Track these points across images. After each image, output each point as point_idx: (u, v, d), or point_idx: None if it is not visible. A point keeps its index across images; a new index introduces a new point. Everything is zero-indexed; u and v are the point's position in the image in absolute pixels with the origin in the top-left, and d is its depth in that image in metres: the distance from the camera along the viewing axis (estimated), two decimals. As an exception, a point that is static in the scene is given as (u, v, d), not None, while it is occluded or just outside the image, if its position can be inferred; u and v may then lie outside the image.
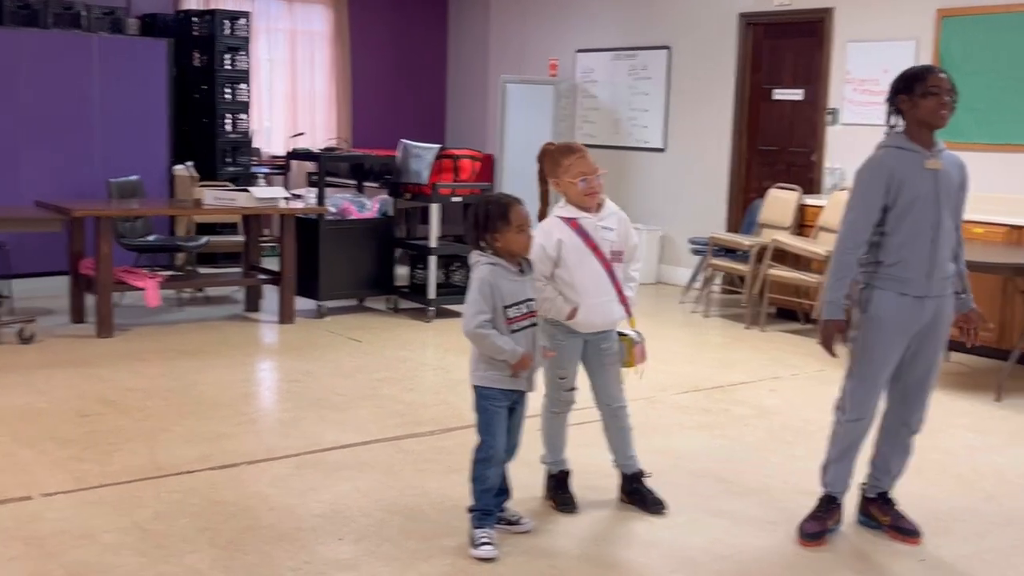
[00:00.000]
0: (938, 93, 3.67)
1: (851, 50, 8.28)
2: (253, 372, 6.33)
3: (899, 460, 3.97)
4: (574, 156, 3.87)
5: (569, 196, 3.90)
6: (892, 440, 3.95)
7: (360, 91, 11.58)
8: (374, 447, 4.77)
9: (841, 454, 3.88)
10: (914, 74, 3.74)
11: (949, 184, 3.74)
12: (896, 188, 3.67)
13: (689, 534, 3.90)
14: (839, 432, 3.88)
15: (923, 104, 3.68)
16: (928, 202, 3.68)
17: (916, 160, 3.70)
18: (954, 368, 6.75)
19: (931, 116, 3.69)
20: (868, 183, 3.71)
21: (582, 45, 10.54)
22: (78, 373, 5.90)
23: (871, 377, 3.79)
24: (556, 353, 3.89)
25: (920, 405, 3.89)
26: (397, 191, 8.01)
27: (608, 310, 3.92)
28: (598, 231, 3.88)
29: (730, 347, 7.21)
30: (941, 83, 3.69)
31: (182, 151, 9.78)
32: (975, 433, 5.34)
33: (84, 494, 4.08)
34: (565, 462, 4.14)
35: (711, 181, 9.38)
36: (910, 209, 3.67)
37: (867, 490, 4.03)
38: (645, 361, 4.06)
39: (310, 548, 3.65)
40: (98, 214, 6.80)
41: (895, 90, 3.77)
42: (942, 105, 3.68)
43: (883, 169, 3.70)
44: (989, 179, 7.48)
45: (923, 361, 3.82)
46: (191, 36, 9.80)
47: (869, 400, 3.82)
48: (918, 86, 3.69)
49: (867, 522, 4.01)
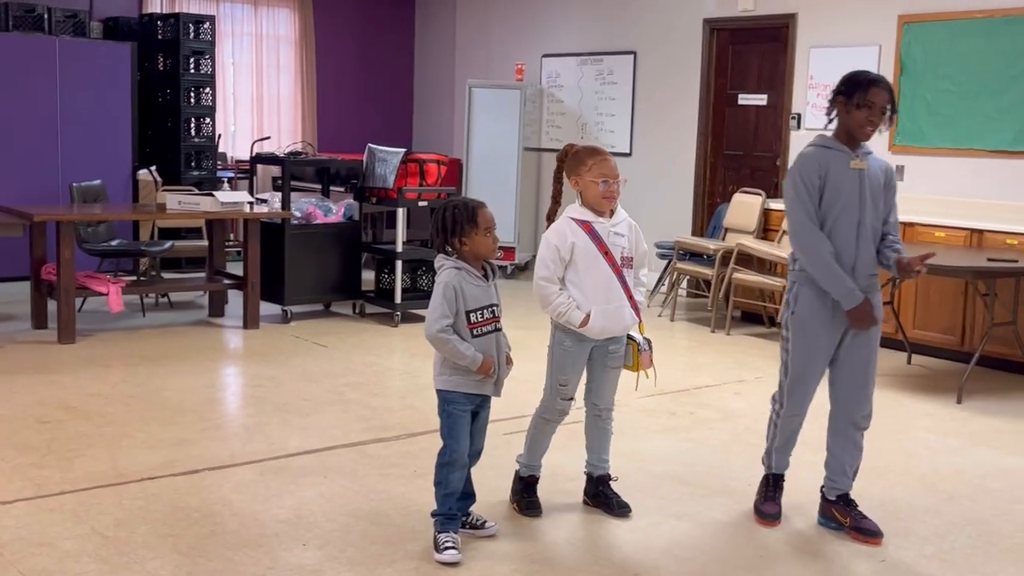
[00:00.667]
0: (871, 108, 3.78)
1: (814, 55, 8.36)
2: (217, 377, 6.29)
3: (852, 459, 4.03)
4: (598, 157, 3.89)
5: (587, 196, 3.90)
6: (842, 439, 4.01)
7: (325, 95, 11.55)
8: (339, 452, 4.76)
9: (783, 444, 4.08)
10: (858, 81, 3.82)
11: (874, 185, 3.84)
12: (823, 183, 3.79)
13: (653, 536, 3.91)
14: (778, 424, 4.05)
15: (855, 114, 3.80)
16: (852, 201, 3.80)
17: (842, 159, 3.82)
18: (915, 371, 6.81)
19: (857, 129, 3.82)
20: (802, 177, 3.81)
21: (548, 50, 10.57)
22: (39, 379, 5.84)
23: (803, 374, 3.92)
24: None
25: (863, 401, 3.97)
26: (363, 195, 7.99)
27: (620, 315, 3.91)
28: (610, 236, 3.89)
29: (696, 350, 7.24)
30: (878, 99, 3.78)
31: (146, 155, 9.73)
32: (936, 435, 5.39)
33: (44, 501, 4.04)
34: (538, 468, 4.13)
35: (677, 185, 9.43)
36: (834, 206, 3.79)
37: (827, 492, 4.07)
38: (652, 367, 4.07)
39: (274, 554, 3.63)
40: (60, 218, 6.73)
41: (837, 89, 3.87)
42: (870, 122, 3.80)
43: (813, 162, 3.81)
44: (950, 183, 7.58)
45: (858, 358, 3.92)
46: (155, 40, 9.74)
47: (804, 396, 3.97)
48: (856, 95, 3.79)
49: (827, 523, 4.04)
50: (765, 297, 7.93)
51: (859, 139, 3.85)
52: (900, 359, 7.03)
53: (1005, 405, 6.00)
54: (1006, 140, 7.28)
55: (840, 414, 4.00)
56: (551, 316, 3.92)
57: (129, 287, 7.28)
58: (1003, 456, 5.06)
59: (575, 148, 3.98)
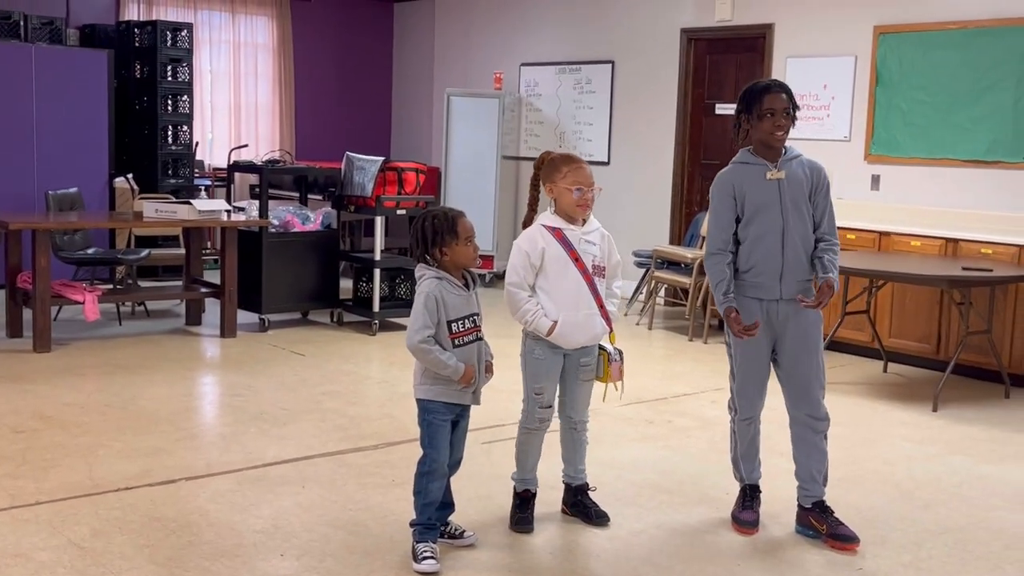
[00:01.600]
0: (774, 114, 3.85)
1: (791, 65, 8.41)
2: (194, 387, 6.26)
3: (818, 463, 4.04)
4: (573, 165, 3.90)
5: (560, 203, 3.91)
6: (803, 445, 4.04)
7: (303, 103, 11.54)
8: (317, 462, 4.74)
9: (746, 450, 4.14)
10: (753, 95, 3.90)
11: (795, 192, 3.92)
12: (740, 200, 3.91)
13: (631, 545, 3.91)
14: (736, 431, 4.14)
15: (759, 125, 3.89)
16: (772, 211, 3.89)
17: (759, 172, 3.92)
18: (892, 379, 6.86)
19: (766, 137, 3.90)
20: (716, 197, 3.97)
21: (527, 59, 10.59)
22: (14, 388, 5.79)
23: (748, 379, 4.04)
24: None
25: (815, 403, 4.01)
26: (341, 204, 7.98)
27: (590, 324, 3.91)
28: (581, 243, 3.90)
29: (673, 359, 7.26)
30: (776, 103, 3.86)
31: (123, 163, 9.68)
32: (912, 443, 5.42)
33: (19, 511, 4.00)
34: (533, 481, 4.09)
35: (654, 194, 9.46)
36: (754, 218, 3.90)
37: (802, 500, 4.09)
38: (622, 380, 4.07)
39: (251, 564, 3.61)
40: (36, 227, 6.69)
41: (738, 107, 3.96)
42: (777, 127, 3.87)
43: (726, 185, 3.95)
44: (925, 193, 7.64)
45: (801, 363, 3.97)
46: (132, 47, 9.71)
47: (754, 400, 4.07)
48: (755, 107, 3.87)
49: (804, 531, 4.06)
50: (742, 306, 7.95)
51: (772, 146, 3.92)
52: (876, 367, 7.08)
53: (980, 413, 6.04)
54: (980, 150, 7.35)
55: (795, 418, 4.05)
56: (520, 323, 3.92)
57: (105, 295, 7.23)
58: (979, 464, 5.09)
59: (551, 155, 3.99)
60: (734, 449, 4.19)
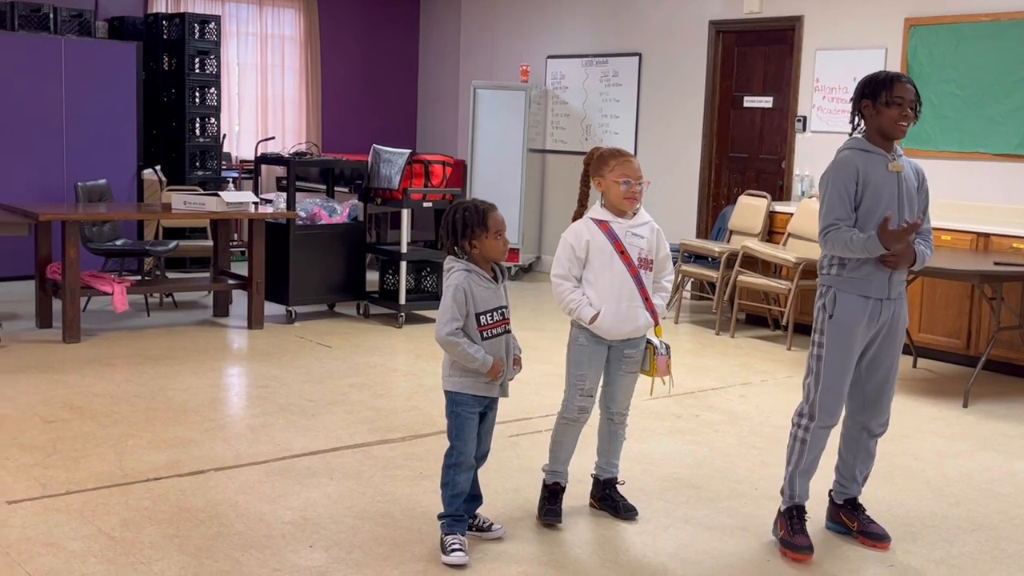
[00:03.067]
0: (901, 104, 3.69)
1: (820, 58, 8.34)
2: (222, 378, 6.28)
3: (864, 466, 3.98)
4: (622, 158, 3.90)
5: (609, 196, 3.91)
6: (855, 446, 3.96)
7: (330, 95, 11.55)
8: (344, 453, 4.75)
9: (809, 465, 3.85)
10: (880, 81, 3.74)
11: (910, 187, 3.79)
12: (862, 186, 3.70)
13: (659, 540, 3.90)
14: (807, 440, 3.82)
15: (885, 113, 3.71)
16: (891, 203, 3.72)
17: (880, 162, 3.74)
18: (922, 374, 6.80)
19: (891, 127, 3.72)
20: (838, 179, 3.71)
21: (553, 51, 10.56)
22: (44, 379, 5.84)
23: (839, 382, 3.78)
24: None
25: (883, 409, 3.90)
26: (367, 196, 7.98)
27: (633, 316, 3.89)
28: (628, 236, 3.89)
29: (700, 353, 7.23)
30: (906, 94, 3.70)
31: (151, 155, 9.73)
32: (943, 439, 5.38)
33: (50, 501, 4.03)
34: (563, 475, 4.05)
35: (681, 188, 9.42)
36: (875, 209, 3.69)
37: (835, 496, 4.04)
38: (670, 374, 4.04)
39: (280, 555, 3.62)
40: (65, 218, 6.73)
41: (860, 94, 3.78)
42: (903, 117, 3.70)
43: (850, 167, 3.71)
44: (956, 187, 7.57)
45: (882, 365, 3.85)
46: (160, 40, 9.74)
47: (839, 405, 3.82)
48: (883, 94, 3.70)
49: (835, 528, 4.02)
50: (770, 300, 7.92)
51: (895, 137, 3.74)
52: (905, 362, 7.02)
53: (1012, 409, 5.98)
54: (1012, 144, 7.27)
55: (855, 421, 3.92)
56: (565, 312, 3.93)
57: (134, 287, 7.27)
58: (1011, 460, 5.05)
59: (600, 150, 3.99)
60: (796, 462, 3.85)
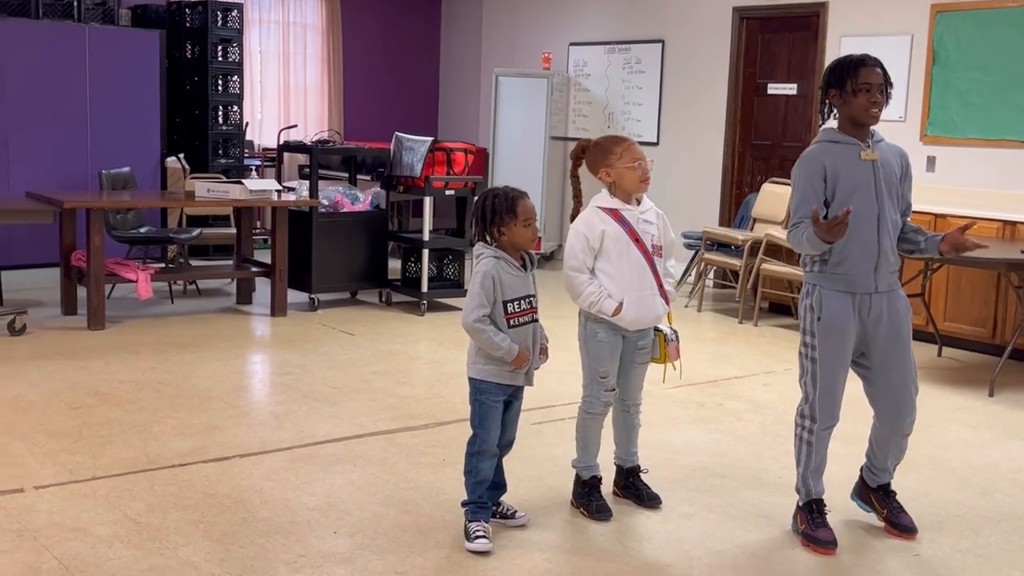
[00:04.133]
0: (869, 90, 3.56)
1: (845, 45, 8.28)
2: (245, 365, 6.31)
3: (895, 458, 3.93)
4: (626, 143, 3.85)
5: (623, 183, 3.84)
6: (887, 445, 3.87)
7: (352, 83, 11.56)
8: (367, 440, 4.76)
9: (819, 464, 3.80)
10: (845, 67, 3.61)
11: (888, 175, 3.65)
12: (832, 181, 3.59)
13: (683, 528, 3.89)
14: (813, 442, 3.76)
15: (853, 101, 3.59)
16: (867, 193, 3.60)
17: (851, 152, 3.61)
18: (947, 364, 6.76)
19: (860, 114, 3.60)
20: (802, 177, 3.62)
21: (575, 38, 10.52)
22: (69, 365, 5.87)
23: (834, 383, 3.70)
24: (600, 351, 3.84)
25: (909, 408, 3.77)
26: (390, 184, 7.99)
27: (652, 304, 3.86)
28: (639, 223, 3.85)
29: (723, 341, 7.21)
30: (873, 78, 3.57)
31: (174, 143, 9.76)
32: (969, 428, 5.34)
33: (77, 486, 4.06)
34: (598, 467, 4.03)
35: (704, 175, 9.38)
36: (847, 202, 3.55)
37: (867, 479, 3.98)
38: (679, 359, 4.03)
39: (305, 541, 3.63)
40: (90, 205, 6.76)
41: (826, 83, 3.67)
42: (873, 103, 3.57)
43: (816, 163, 3.61)
44: (982, 174, 7.50)
45: (894, 365, 3.72)
46: (183, 27, 9.76)
47: (837, 405, 3.74)
48: (849, 81, 3.58)
49: (862, 505, 3.99)
50: (794, 288, 7.88)
51: (865, 124, 3.62)
52: (931, 351, 6.98)
53: (1038, 399, 5.94)
54: (1040, 131, 7.20)
55: (885, 423, 3.81)
56: (583, 307, 3.88)
57: (158, 274, 7.31)
58: (1036, 450, 5.01)
59: (592, 142, 3.93)
60: (806, 463, 3.79)
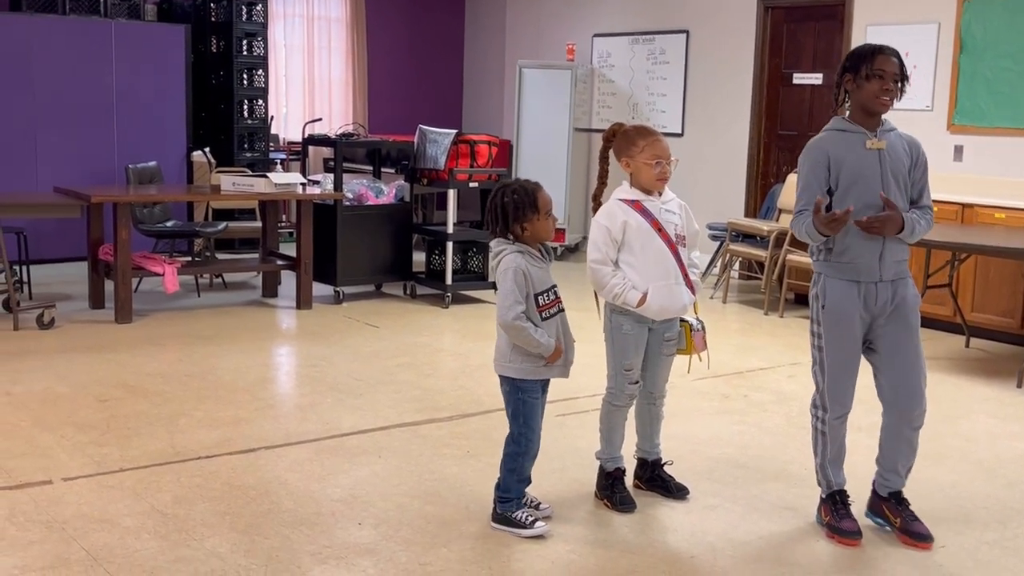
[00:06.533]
0: (883, 77, 3.54)
1: (871, 34, 8.21)
2: (271, 357, 6.34)
3: (905, 459, 3.80)
4: (651, 138, 3.81)
5: (639, 177, 3.83)
6: (895, 440, 3.78)
7: (376, 77, 11.57)
8: (392, 432, 4.78)
9: (836, 454, 3.78)
10: (862, 53, 3.60)
11: (896, 163, 3.62)
12: (835, 170, 3.58)
13: (707, 520, 3.88)
14: (827, 432, 3.75)
15: (866, 87, 3.56)
16: (872, 183, 3.57)
17: (857, 141, 3.59)
18: (974, 354, 6.71)
19: (871, 101, 3.57)
20: (805, 166, 3.63)
21: (599, 29, 10.49)
22: (97, 358, 5.93)
23: (842, 371, 3.68)
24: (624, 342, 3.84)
25: (918, 400, 3.72)
26: (414, 177, 8.00)
27: (677, 294, 3.84)
28: (662, 213, 3.83)
29: (749, 333, 7.18)
30: (888, 66, 3.55)
31: (200, 137, 9.81)
32: (996, 419, 5.30)
33: (104, 478, 4.10)
34: (621, 459, 4.03)
35: (729, 166, 9.34)
36: (851, 191, 3.55)
37: (878, 488, 3.85)
38: (706, 349, 4.01)
39: (330, 532, 3.65)
40: (117, 200, 6.81)
41: (842, 68, 3.65)
42: (885, 91, 3.54)
43: (818, 153, 3.61)
44: (1011, 164, 7.43)
45: (901, 353, 3.67)
46: (208, 21, 9.81)
47: (847, 393, 3.71)
48: (864, 67, 3.56)
49: (875, 519, 3.85)
50: (819, 279, 7.83)
51: (876, 112, 3.58)
52: (958, 342, 6.92)
53: (1067, 390, 5.89)
54: (1069, 119, 7.13)
55: (892, 413, 3.74)
56: (607, 299, 3.87)
57: (184, 268, 7.36)
58: (1065, 442, 4.97)
59: (624, 128, 3.90)
60: (822, 454, 3.79)
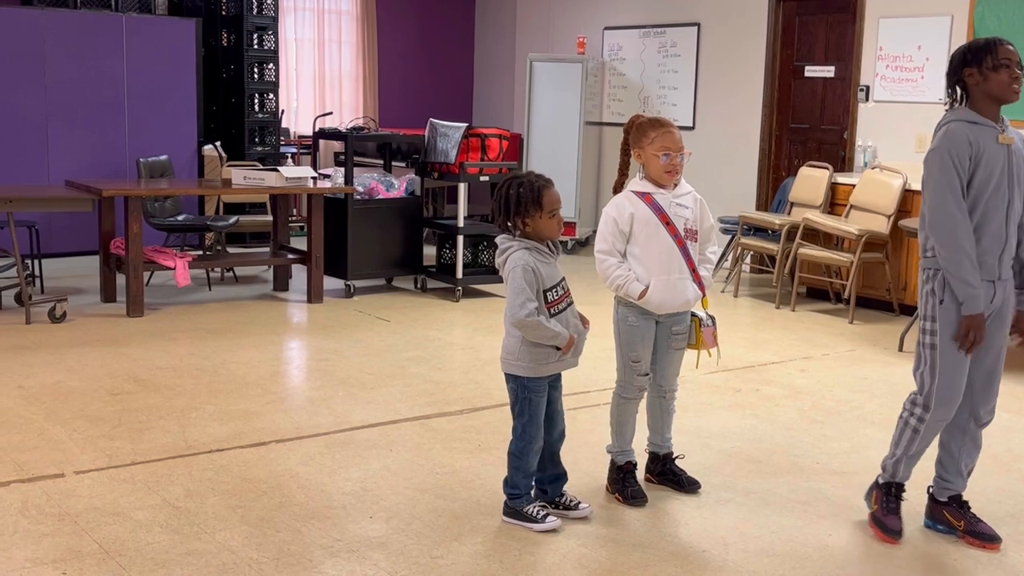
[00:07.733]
0: (1009, 65, 3.46)
1: (884, 26, 8.18)
2: (282, 351, 6.35)
3: (969, 457, 3.74)
4: (662, 129, 3.80)
5: (648, 169, 3.83)
6: (961, 437, 3.71)
7: (387, 70, 11.56)
8: (403, 426, 4.78)
9: (918, 451, 3.67)
10: (981, 47, 3.51)
11: (1019, 160, 3.54)
12: (975, 160, 3.44)
13: (719, 514, 3.87)
14: (920, 431, 3.61)
15: (994, 77, 3.46)
16: (1002, 180, 3.47)
17: (990, 134, 3.47)
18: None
19: (1003, 90, 3.46)
20: (951, 154, 3.43)
21: (610, 23, 10.47)
22: (109, 352, 5.94)
23: (956, 372, 3.53)
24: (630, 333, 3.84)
25: (992, 395, 3.64)
26: (424, 170, 8.00)
27: (681, 288, 3.83)
28: (672, 206, 3.81)
29: (760, 327, 7.17)
30: (1011, 55, 3.48)
31: (211, 131, 9.82)
32: (1011, 413, 5.27)
33: (116, 472, 4.11)
34: (632, 452, 4.03)
35: (741, 159, 9.31)
36: (987, 185, 3.45)
37: (936, 493, 3.77)
38: (716, 346, 4.00)
39: (341, 526, 3.65)
40: (128, 194, 6.82)
41: (962, 62, 3.53)
42: (1015, 79, 3.45)
43: (963, 139, 3.44)
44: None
45: (991, 349, 3.60)
46: (219, 15, 9.80)
47: (957, 397, 3.56)
48: (988, 58, 3.47)
49: (935, 527, 3.76)
50: (831, 273, 7.81)
51: (1007, 100, 3.46)
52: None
53: (1080, 384, 5.86)
54: (1084, 112, 7.07)
55: (963, 408, 3.62)
56: (611, 289, 3.87)
57: (195, 261, 7.37)
58: (1079, 436, 4.94)
59: (640, 119, 3.89)
60: (906, 448, 3.65)
